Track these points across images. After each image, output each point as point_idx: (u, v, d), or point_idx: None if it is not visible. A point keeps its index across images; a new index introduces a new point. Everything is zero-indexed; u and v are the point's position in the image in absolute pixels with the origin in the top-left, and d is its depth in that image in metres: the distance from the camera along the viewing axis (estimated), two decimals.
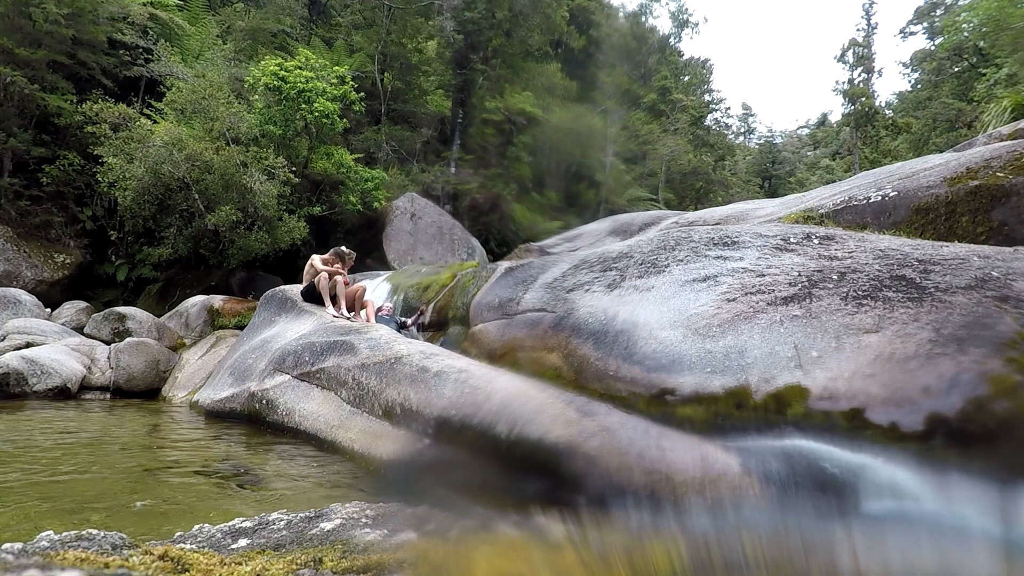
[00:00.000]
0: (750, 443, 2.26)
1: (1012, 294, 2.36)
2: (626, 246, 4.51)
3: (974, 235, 3.69)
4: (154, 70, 12.34)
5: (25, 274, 10.64)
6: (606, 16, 28.97)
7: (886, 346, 2.28)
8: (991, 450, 1.84)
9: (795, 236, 3.70)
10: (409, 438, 3.10)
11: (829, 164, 39.62)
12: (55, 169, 11.26)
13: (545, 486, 2.13)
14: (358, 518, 1.70)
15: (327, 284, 5.95)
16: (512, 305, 4.41)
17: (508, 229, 18.44)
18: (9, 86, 10.63)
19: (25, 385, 6.05)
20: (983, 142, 5.51)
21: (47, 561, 1.06)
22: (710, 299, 3.12)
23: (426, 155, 18.51)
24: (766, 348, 2.58)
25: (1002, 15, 14.63)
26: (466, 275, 6.24)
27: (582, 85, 24.32)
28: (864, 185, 4.76)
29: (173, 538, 1.57)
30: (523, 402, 2.49)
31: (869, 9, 30.75)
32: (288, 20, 18.10)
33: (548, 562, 1.45)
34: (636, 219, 8.91)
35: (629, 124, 27.64)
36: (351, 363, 3.98)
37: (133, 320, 8.19)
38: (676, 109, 29.98)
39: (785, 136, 49.02)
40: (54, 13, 10.77)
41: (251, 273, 11.89)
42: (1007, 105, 8.95)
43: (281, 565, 1.33)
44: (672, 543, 1.56)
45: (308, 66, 11.95)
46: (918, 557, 1.60)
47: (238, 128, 10.86)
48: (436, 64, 19.44)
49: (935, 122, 23.86)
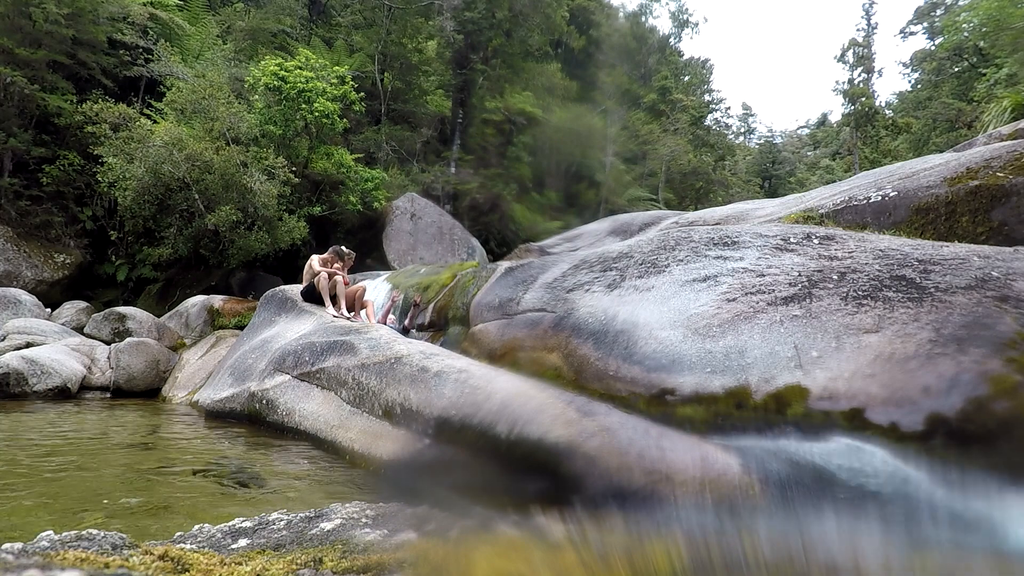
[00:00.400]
0: (750, 443, 2.26)
1: (1012, 294, 2.36)
2: (626, 246, 4.51)
3: (974, 235, 3.69)
4: (154, 70, 12.34)
5: (25, 274, 10.64)
6: (606, 16, 28.96)
7: (886, 346, 2.28)
8: (991, 450, 1.84)
9: (795, 236, 3.70)
10: (409, 438, 3.10)
11: (829, 164, 39.62)
12: (55, 169, 11.26)
13: (545, 486, 2.13)
14: (358, 518, 1.70)
15: (327, 284, 5.96)
16: (512, 305, 4.41)
17: (508, 229, 18.44)
18: (9, 86, 10.63)
19: (25, 385, 6.05)
20: (983, 142, 5.50)
21: (47, 561, 1.06)
22: (710, 299, 3.12)
23: (426, 155, 18.51)
24: (766, 348, 2.58)
25: (1002, 15, 14.63)
26: (466, 275, 6.24)
27: (582, 85, 24.31)
28: (864, 185, 4.76)
29: (173, 538, 1.57)
30: (523, 402, 2.49)
31: (869, 9, 30.76)
32: (288, 20, 18.10)
33: (548, 562, 1.45)
34: (636, 219, 8.90)
35: (629, 124, 27.63)
36: (351, 363, 3.98)
37: (133, 320, 8.19)
38: (676, 109, 29.98)
39: (785, 136, 49.04)
40: (54, 13, 10.77)
41: (251, 273, 11.90)
42: (1007, 105, 8.95)
43: (281, 565, 1.33)
44: (672, 543, 1.56)
45: (308, 66, 11.95)
46: (918, 557, 1.60)
47: (238, 128, 10.86)
48: (436, 64, 19.44)
49: (935, 122, 23.86)
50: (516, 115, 21.74)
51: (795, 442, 2.19)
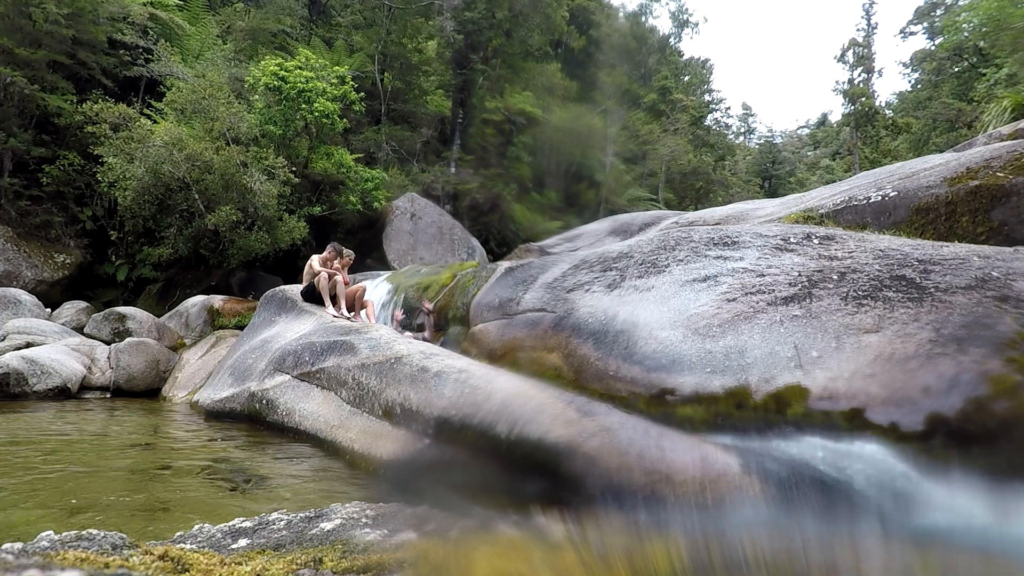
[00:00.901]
0: (750, 443, 2.26)
1: (1012, 294, 2.36)
2: (626, 246, 4.51)
3: (974, 235, 3.69)
4: (154, 70, 12.33)
5: (25, 274, 10.64)
6: (606, 16, 28.95)
7: (886, 346, 2.28)
8: (991, 450, 1.84)
9: (795, 236, 3.70)
10: (409, 438, 3.10)
11: (829, 164, 39.61)
12: (55, 169, 11.26)
13: (545, 486, 2.13)
14: (358, 518, 1.70)
15: (327, 284, 5.96)
16: (512, 305, 4.41)
17: (508, 229, 18.43)
18: (9, 86, 10.63)
19: (25, 385, 6.05)
20: (983, 142, 5.51)
21: (47, 561, 1.06)
22: (710, 299, 3.12)
23: (426, 155, 18.51)
24: (766, 348, 2.58)
25: (1002, 15, 14.62)
26: (466, 275, 6.24)
27: (582, 85, 24.31)
28: (864, 185, 4.76)
29: (173, 538, 1.57)
30: (523, 402, 2.49)
31: (869, 9, 30.75)
32: (288, 20, 18.09)
33: (548, 562, 1.45)
34: (636, 219, 8.90)
35: (629, 124, 27.62)
36: (351, 363, 3.98)
37: (133, 320, 8.19)
38: (676, 109, 29.97)
39: (785, 136, 49.02)
40: (54, 13, 10.76)
41: (251, 273, 11.89)
42: (1007, 105, 8.95)
43: (281, 565, 1.33)
44: (672, 543, 1.56)
45: (308, 66, 11.95)
46: (917, 556, 1.60)
47: (238, 128, 10.86)
48: (436, 64, 19.44)
49: (935, 122, 23.86)
50: (516, 115, 21.73)
51: (795, 442, 2.19)
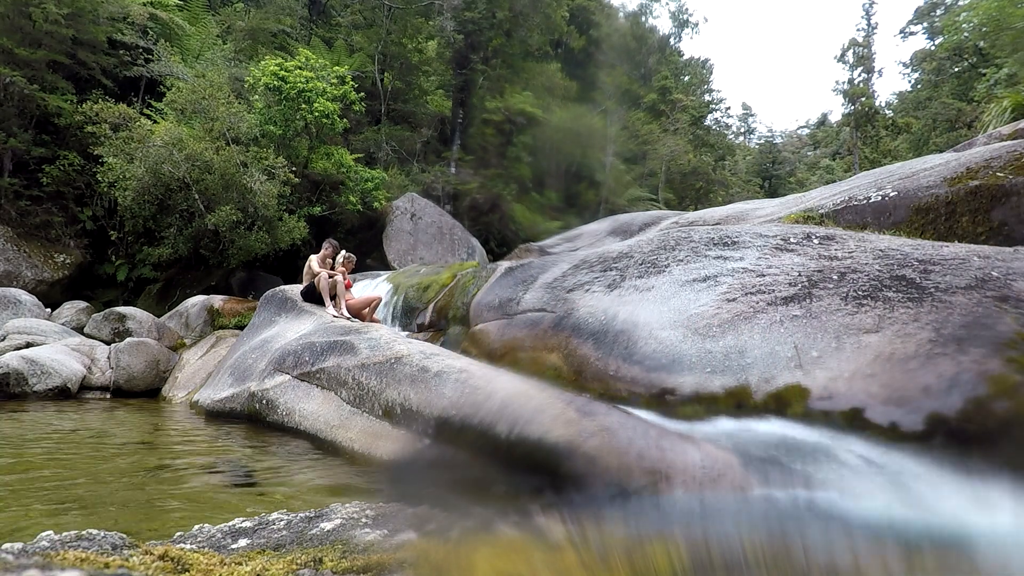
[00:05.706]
0: (750, 443, 2.26)
1: (1012, 294, 2.36)
2: (626, 246, 4.51)
3: (974, 235, 3.69)
4: (154, 70, 12.34)
5: (25, 274, 10.64)
6: (606, 16, 28.97)
7: (886, 346, 2.28)
8: (991, 450, 1.84)
9: (795, 236, 3.70)
10: (409, 438, 3.10)
11: (829, 164, 39.62)
12: (55, 169, 11.26)
13: (545, 486, 2.13)
14: (358, 518, 1.70)
15: (327, 284, 5.96)
16: (512, 305, 4.41)
17: (508, 229, 18.44)
18: (9, 86, 10.63)
19: (25, 385, 6.05)
20: (983, 142, 5.51)
21: (47, 561, 1.06)
22: (710, 299, 3.12)
23: (426, 155, 18.52)
24: (766, 348, 2.58)
25: (1002, 15, 14.63)
26: (466, 275, 6.24)
27: (582, 85, 24.32)
28: (864, 185, 4.76)
29: (173, 538, 1.57)
30: (523, 402, 2.49)
31: (869, 9, 30.79)
32: (288, 20, 18.09)
33: (548, 562, 1.45)
34: (636, 219, 8.91)
35: (629, 124, 27.64)
36: (351, 363, 3.98)
37: (133, 320, 8.19)
38: (676, 109, 29.98)
39: (785, 136, 49.05)
40: (54, 13, 10.77)
41: (251, 273, 11.90)
42: (1007, 105, 8.94)
43: (281, 565, 1.33)
44: (672, 543, 1.56)
45: (308, 66, 11.96)
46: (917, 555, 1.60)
47: (238, 128, 10.86)
48: (436, 64, 19.45)
49: (935, 122, 23.87)
50: (516, 115, 21.74)
51: (794, 442, 2.19)
